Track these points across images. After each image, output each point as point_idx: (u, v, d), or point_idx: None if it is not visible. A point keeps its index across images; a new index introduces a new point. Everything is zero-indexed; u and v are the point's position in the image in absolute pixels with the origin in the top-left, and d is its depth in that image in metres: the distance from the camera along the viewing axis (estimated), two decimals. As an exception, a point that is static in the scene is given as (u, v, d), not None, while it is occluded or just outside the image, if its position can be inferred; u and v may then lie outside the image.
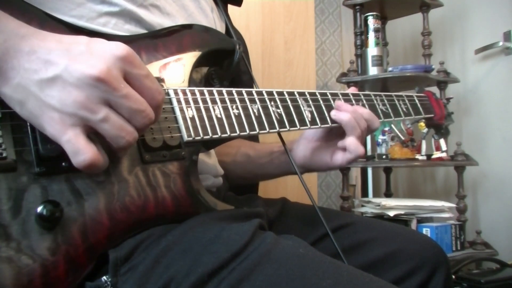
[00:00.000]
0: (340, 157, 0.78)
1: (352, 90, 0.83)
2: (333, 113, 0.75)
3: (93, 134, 0.46)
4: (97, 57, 0.45)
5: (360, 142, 0.76)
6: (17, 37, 0.45)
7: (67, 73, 0.44)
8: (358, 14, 1.90)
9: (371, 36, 1.88)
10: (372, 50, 1.86)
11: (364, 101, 0.81)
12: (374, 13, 1.89)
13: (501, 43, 1.85)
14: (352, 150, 0.75)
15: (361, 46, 1.91)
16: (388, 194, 2.14)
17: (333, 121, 0.75)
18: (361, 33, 1.91)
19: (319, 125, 0.73)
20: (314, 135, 0.82)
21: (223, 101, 0.63)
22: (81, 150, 0.44)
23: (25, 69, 0.44)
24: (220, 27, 0.84)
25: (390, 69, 1.82)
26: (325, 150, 0.81)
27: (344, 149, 0.77)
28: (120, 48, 0.46)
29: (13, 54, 0.45)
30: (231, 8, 0.94)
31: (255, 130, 0.64)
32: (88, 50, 0.46)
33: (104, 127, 0.45)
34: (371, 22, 1.88)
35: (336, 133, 0.79)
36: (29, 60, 0.45)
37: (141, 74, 0.47)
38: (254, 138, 0.98)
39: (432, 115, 0.96)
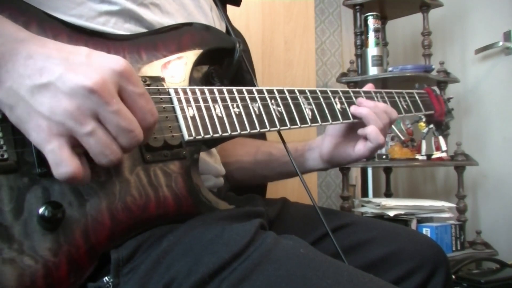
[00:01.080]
0: (362, 147, 0.80)
1: (370, 87, 0.86)
2: (353, 108, 0.79)
3: (77, 147, 0.45)
4: (94, 69, 0.44)
5: (382, 134, 0.78)
6: (16, 41, 0.45)
7: (60, 82, 0.43)
8: (358, 14, 1.91)
9: (371, 36, 1.88)
10: (372, 50, 1.86)
11: (365, 98, 0.82)
12: (374, 13, 1.89)
13: (501, 43, 1.85)
14: (372, 138, 0.77)
15: (361, 46, 1.91)
16: (388, 194, 2.14)
17: (335, 118, 0.75)
18: (361, 33, 1.91)
19: (320, 122, 0.73)
20: (338, 131, 0.84)
21: (223, 100, 0.63)
22: (63, 162, 0.43)
23: (19, 73, 0.44)
24: (220, 27, 0.84)
25: (390, 69, 1.83)
26: (348, 144, 0.83)
27: (365, 139, 0.79)
28: (119, 63, 0.46)
29: (9, 58, 0.44)
30: (231, 8, 0.95)
31: (256, 129, 0.64)
32: (87, 61, 0.45)
33: (89, 142, 0.44)
34: (371, 22, 1.88)
35: (357, 129, 0.81)
36: (24, 65, 0.44)
37: (136, 92, 0.46)
38: (263, 137, 0.99)
39: (432, 112, 0.96)
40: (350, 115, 0.78)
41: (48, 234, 0.46)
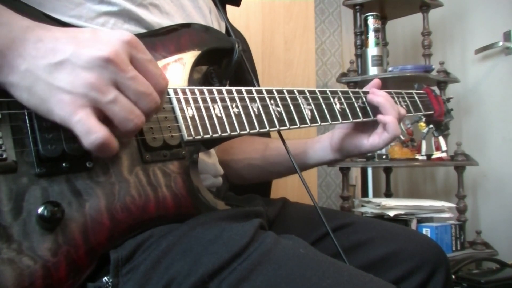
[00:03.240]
0: (377, 138, 0.81)
1: (377, 82, 0.86)
2: (370, 96, 0.80)
3: (102, 119, 0.46)
4: (103, 42, 0.46)
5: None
6: (22, 28, 0.46)
7: (75, 57, 0.45)
8: (358, 14, 1.90)
9: (371, 36, 1.88)
10: (372, 50, 1.86)
11: (364, 99, 0.82)
12: (374, 13, 1.89)
13: (501, 43, 1.85)
14: (391, 129, 0.78)
15: (361, 46, 1.91)
16: (388, 194, 2.14)
17: (334, 119, 0.75)
18: (361, 33, 1.91)
19: (319, 123, 0.73)
20: (349, 124, 0.85)
21: (223, 100, 0.63)
22: (92, 129, 0.44)
23: (32, 56, 0.45)
24: (218, 27, 0.84)
25: (390, 69, 1.83)
26: (361, 134, 0.84)
27: (380, 131, 0.80)
28: (125, 34, 0.47)
29: (19, 43, 0.45)
30: (230, 9, 0.95)
31: (255, 129, 0.64)
32: (94, 37, 0.46)
33: (114, 109, 0.45)
34: (371, 22, 1.88)
35: (369, 124, 0.82)
36: (35, 48, 0.45)
37: (145, 58, 0.48)
38: (268, 136, 0.99)
39: (431, 112, 0.96)
40: (350, 116, 0.78)
41: (47, 234, 0.46)
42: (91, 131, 0.44)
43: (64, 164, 0.48)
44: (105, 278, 0.50)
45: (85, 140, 0.44)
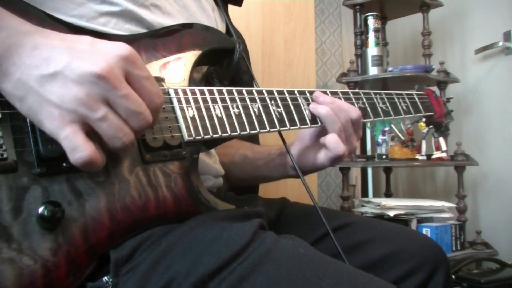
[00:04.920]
0: (322, 156, 0.73)
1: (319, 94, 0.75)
2: (312, 106, 0.72)
3: (91, 133, 0.46)
4: (99, 56, 0.45)
5: (343, 137, 0.71)
6: (20, 34, 0.45)
7: (68, 70, 0.44)
8: (358, 14, 1.91)
9: (371, 36, 1.88)
10: (372, 50, 1.86)
11: (364, 99, 0.81)
12: (374, 13, 1.89)
13: (501, 43, 1.85)
14: (331, 148, 0.70)
15: (361, 46, 1.91)
16: (388, 194, 2.14)
17: None
18: (361, 33, 1.91)
19: (319, 124, 0.73)
20: (307, 135, 0.79)
21: (223, 100, 0.63)
22: (79, 147, 0.43)
23: (26, 65, 0.44)
24: (221, 27, 0.84)
25: (390, 69, 1.83)
26: (313, 150, 0.77)
27: (324, 149, 0.73)
28: (123, 48, 0.46)
29: (15, 50, 0.44)
30: (231, 8, 0.95)
31: (256, 129, 0.64)
32: (91, 49, 0.45)
33: (102, 126, 0.45)
34: (371, 22, 1.88)
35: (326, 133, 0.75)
36: (30, 56, 0.44)
37: (142, 75, 0.47)
38: (254, 140, 0.98)
39: (432, 113, 0.96)
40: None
41: (47, 233, 0.46)
42: (76, 149, 0.43)
43: (64, 164, 0.48)
44: (105, 277, 0.51)
45: (71, 156, 0.44)
